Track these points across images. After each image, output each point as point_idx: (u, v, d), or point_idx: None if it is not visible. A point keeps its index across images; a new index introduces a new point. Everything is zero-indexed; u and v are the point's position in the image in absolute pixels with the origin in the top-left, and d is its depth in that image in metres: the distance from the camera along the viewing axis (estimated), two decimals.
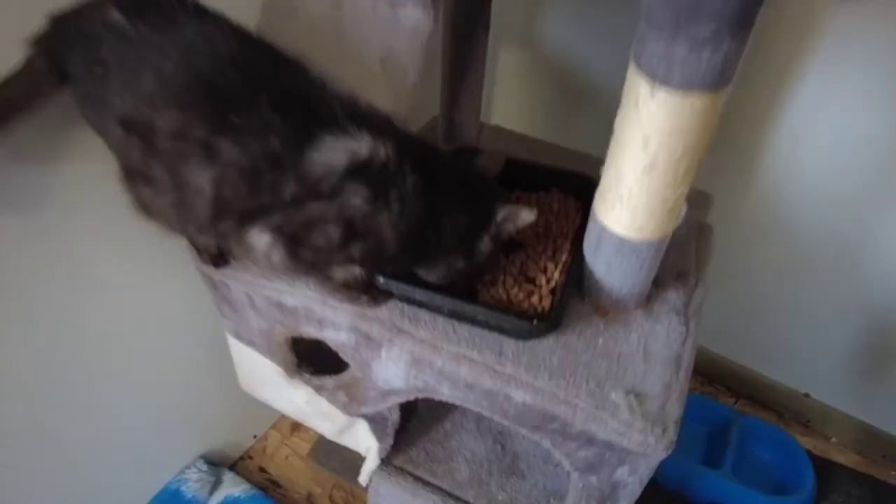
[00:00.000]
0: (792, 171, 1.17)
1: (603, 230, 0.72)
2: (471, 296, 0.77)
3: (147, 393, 1.13)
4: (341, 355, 0.86)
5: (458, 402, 0.79)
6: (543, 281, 0.79)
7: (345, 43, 0.75)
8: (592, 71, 1.30)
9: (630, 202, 0.66)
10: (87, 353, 0.98)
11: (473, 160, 0.82)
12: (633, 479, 0.73)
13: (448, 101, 1.08)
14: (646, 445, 0.66)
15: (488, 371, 0.72)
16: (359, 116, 0.64)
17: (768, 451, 1.38)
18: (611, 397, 0.69)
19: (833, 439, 1.51)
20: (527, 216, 0.71)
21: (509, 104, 1.48)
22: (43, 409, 0.95)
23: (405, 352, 0.76)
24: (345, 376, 0.90)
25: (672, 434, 0.66)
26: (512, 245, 0.84)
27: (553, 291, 0.78)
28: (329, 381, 0.94)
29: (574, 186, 0.89)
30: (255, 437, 1.48)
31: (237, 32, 0.63)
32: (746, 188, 1.23)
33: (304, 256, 0.66)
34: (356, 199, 0.62)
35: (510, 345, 0.74)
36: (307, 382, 0.97)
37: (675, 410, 0.68)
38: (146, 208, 0.68)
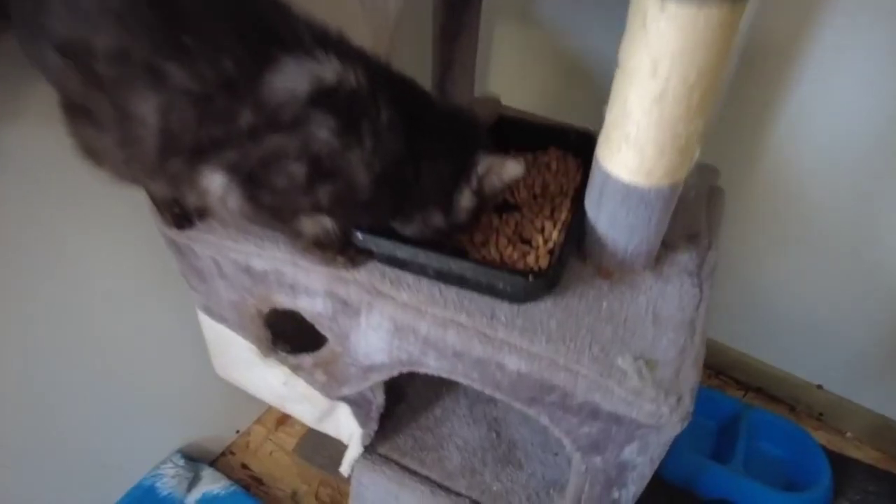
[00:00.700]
0: (800, 146, 1.09)
1: (607, 178, 0.64)
2: (459, 254, 0.69)
3: (120, 382, 1.04)
4: (318, 328, 0.78)
5: (445, 375, 0.70)
6: (541, 241, 0.71)
7: None
8: (591, 47, 1.23)
9: (638, 140, 0.59)
10: (53, 338, 0.90)
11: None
12: (642, 460, 0.64)
13: (439, 68, 1.00)
14: (658, 417, 0.58)
15: (478, 336, 0.64)
16: (327, 41, 0.56)
17: (780, 446, 1.30)
18: (617, 363, 0.61)
19: (848, 434, 1.43)
20: (513, 169, 0.63)
21: (505, 80, 1.41)
22: (4, 399, 0.87)
23: (386, 318, 0.68)
24: (323, 352, 0.82)
25: (688, 404, 0.58)
26: (506, 207, 0.77)
27: (551, 252, 0.70)
28: (306, 359, 0.85)
29: (573, 143, 0.82)
30: (237, 431, 1.40)
31: None
32: (754, 164, 1.15)
33: (264, 200, 0.58)
34: (322, 130, 0.54)
35: (503, 308, 0.66)
36: (283, 362, 0.89)
37: (690, 378, 0.60)
38: (92, 152, 0.60)
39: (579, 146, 0.81)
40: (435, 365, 0.70)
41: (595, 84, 1.25)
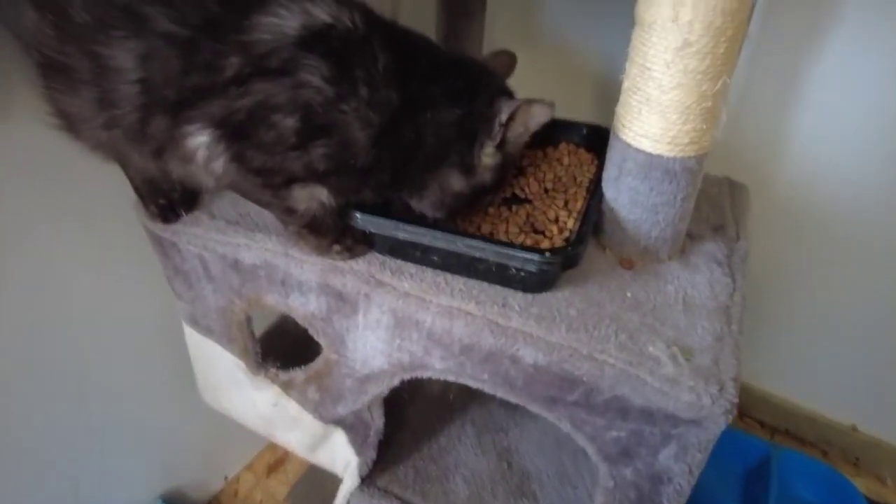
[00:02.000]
0: (821, 159, 1.04)
1: (626, 150, 0.59)
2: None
3: (97, 414, 0.95)
4: (312, 332, 0.70)
5: (452, 378, 0.63)
6: (555, 230, 0.66)
7: None
8: (595, 53, 1.20)
9: (661, 101, 0.54)
10: (26, 362, 0.82)
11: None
12: (680, 469, 0.56)
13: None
14: (699, 409, 0.50)
15: (489, 326, 0.57)
16: None
17: (816, 492, 1.18)
18: (648, 350, 0.53)
19: (889, 480, 1.31)
20: (541, 112, 0.56)
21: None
22: None
23: (386, 311, 0.62)
24: (316, 364, 0.75)
25: (732, 394, 0.51)
26: (516, 200, 0.72)
27: (567, 241, 0.64)
28: (298, 373, 0.78)
29: (586, 138, 0.78)
30: (225, 478, 1.29)
31: None
32: (774, 182, 1.10)
33: (252, 162, 0.52)
34: (313, 76, 0.49)
35: (517, 297, 0.59)
36: (273, 380, 0.81)
37: (731, 366, 0.53)
38: (69, 120, 0.56)
39: (592, 141, 0.77)
40: (440, 366, 0.63)
41: (600, 91, 1.20)
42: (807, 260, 1.15)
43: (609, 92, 0.60)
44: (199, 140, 0.51)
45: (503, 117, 0.56)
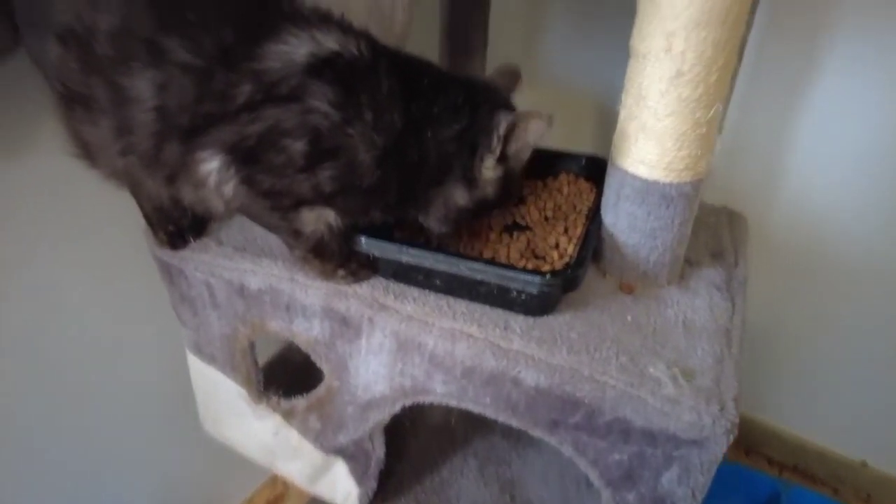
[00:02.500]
0: (819, 191, 1.05)
1: (624, 177, 0.61)
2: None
3: (97, 448, 0.95)
4: (314, 357, 0.71)
5: (454, 402, 0.63)
6: (556, 255, 0.67)
7: None
8: (594, 84, 1.23)
9: (656, 129, 0.56)
10: (24, 382, 0.83)
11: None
12: (683, 492, 0.55)
13: None
14: (700, 428, 0.50)
15: (491, 348, 0.58)
16: (329, 17, 0.55)
17: None
18: (649, 371, 0.54)
19: None
20: (539, 124, 0.57)
21: None
22: None
23: (389, 335, 0.62)
24: (318, 391, 0.75)
25: (733, 414, 0.50)
26: (516, 227, 0.73)
27: (567, 266, 0.65)
28: (300, 402, 0.78)
29: (585, 168, 0.79)
30: None
31: None
32: (773, 214, 1.10)
33: (262, 184, 0.54)
34: (321, 102, 0.51)
35: (518, 320, 0.60)
36: (275, 408, 0.80)
37: (731, 386, 0.53)
38: (86, 147, 0.58)
39: (591, 171, 0.78)
40: (442, 391, 0.63)
41: (598, 123, 1.22)
42: (812, 293, 1.15)
43: (608, 124, 0.62)
44: (211, 165, 0.53)
45: (501, 130, 0.57)
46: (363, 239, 0.62)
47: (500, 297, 0.60)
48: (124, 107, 0.53)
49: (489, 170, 0.59)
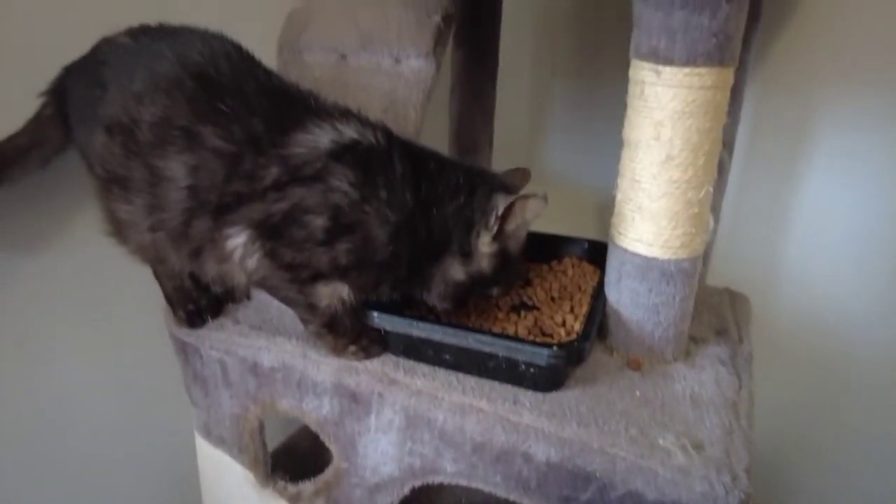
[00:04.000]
0: (818, 270, 1.07)
1: (624, 255, 0.64)
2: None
3: None
4: (323, 437, 0.71)
5: (464, 481, 0.62)
6: (563, 333, 0.68)
7: (348, 94, 0.76)
8: (594, 174, 1.28)
9: (651, 209, 0.60)
10: (22, 455, 0.83)
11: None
12: None
13: None
14: (713, 499, 0.49)
15: (501, 422, 0.58)
16: (349, 112, 0.62)
17: None
18: (658, 443, 0.54)
19: None
20: (535, 205, 0.61)
21: None
22: None
23: (399, 410, 0.63)
24: (326, 474, 0.74)
25: (745, 485, 0.50)
26: (523, 306, 0.75)
27: (574, 339, 0.67)
28: (308, 485, 0.76)
29: (588, 252, 0.83)
30: None
31: (235, 44, 0.64)
32: (774, 293, 1.12)
33: (283, 257, 0.58)
34: (342, 182, 0.56)
35: (527, 395, 0.61)
36: (281, 493, 0.79)
37: (742, 458, 0.53)
38: (119, 226, 0.63)
39: (593, 254, 0.82)
40: (452, 469, 0.62)
41: (599, 211, 1.27)
42: (821, 382, 1.14)
43: (608, 211, 0.66)
44: (238, 240, 0.57)
45: (500, 209, 0.61)
46: (375, 314, 0.65)
47: (508, 372, 0.62)
48: (159, 186, 0.58)
49: (485, 245, 0.63)
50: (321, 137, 0.57)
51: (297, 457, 0.93)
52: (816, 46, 0.94)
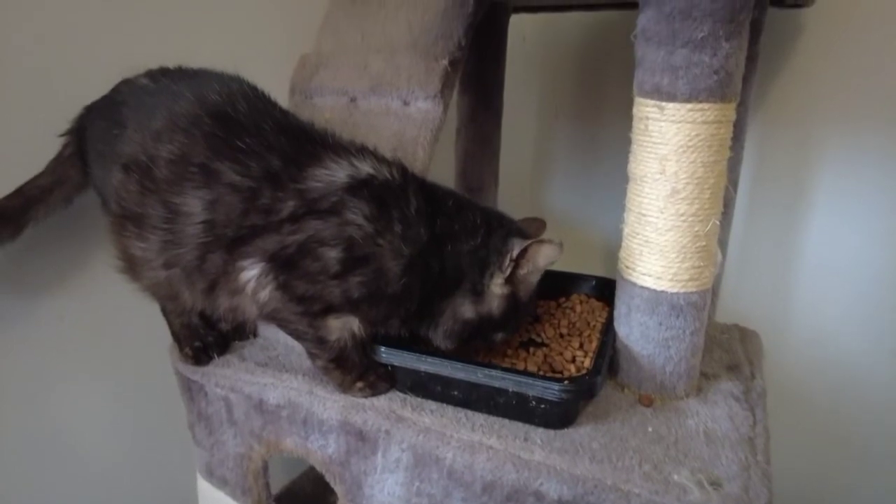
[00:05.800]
0: (827, 308, 1.07)
1: (633, 289, 0.64)
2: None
3: None
4: (328, 478, 0.69)
5: None
6: (573, 369, 0.68)
7: (358, 134, 0.77)
8: (599, 211, 1.30)
9: (659, 243, 0.60)
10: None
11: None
12: None
13: None
14: None
15: (512, 459, 0.57)
16: (365, 149, 0.63)
17: None
18: (673, 479, 0.52)
19: None
20: (550, 251, 0.62)
21: None
22: None
23: (406, 449, 0.62)
24: None
25: None
26: (533, 343, 0.75)
27: (585, 374, 0.66)
28: None
29: (596, 289, 0.83)
30: None
31: (252, 85, 0.66)
32: (784, 329, 1.11)
33: (296, 289, 0.58)
34: (357, 215, 0.57)
35: (538, 432, 0.60)
36: None
37: (762, 494, 0.51)
38: (132, 262, 0.63)
39: (602, 291, 0.82)
40: None
41: (606, 247, 1.27)
42: (834, 429, 1.12)
43: (611, 249, 0.66)
44: (252, 272, 0.58)
45: (514, 253, 0.62)
46: (382, 349, 0.64)
47: (519, 409, 0.61)
48: (175, 221, 0.58)
49: (497, 286, 0.63)
50: (338, 172, 0.58)
51: (301, 501, 0.91)
52: (815, 84, 0.96)
